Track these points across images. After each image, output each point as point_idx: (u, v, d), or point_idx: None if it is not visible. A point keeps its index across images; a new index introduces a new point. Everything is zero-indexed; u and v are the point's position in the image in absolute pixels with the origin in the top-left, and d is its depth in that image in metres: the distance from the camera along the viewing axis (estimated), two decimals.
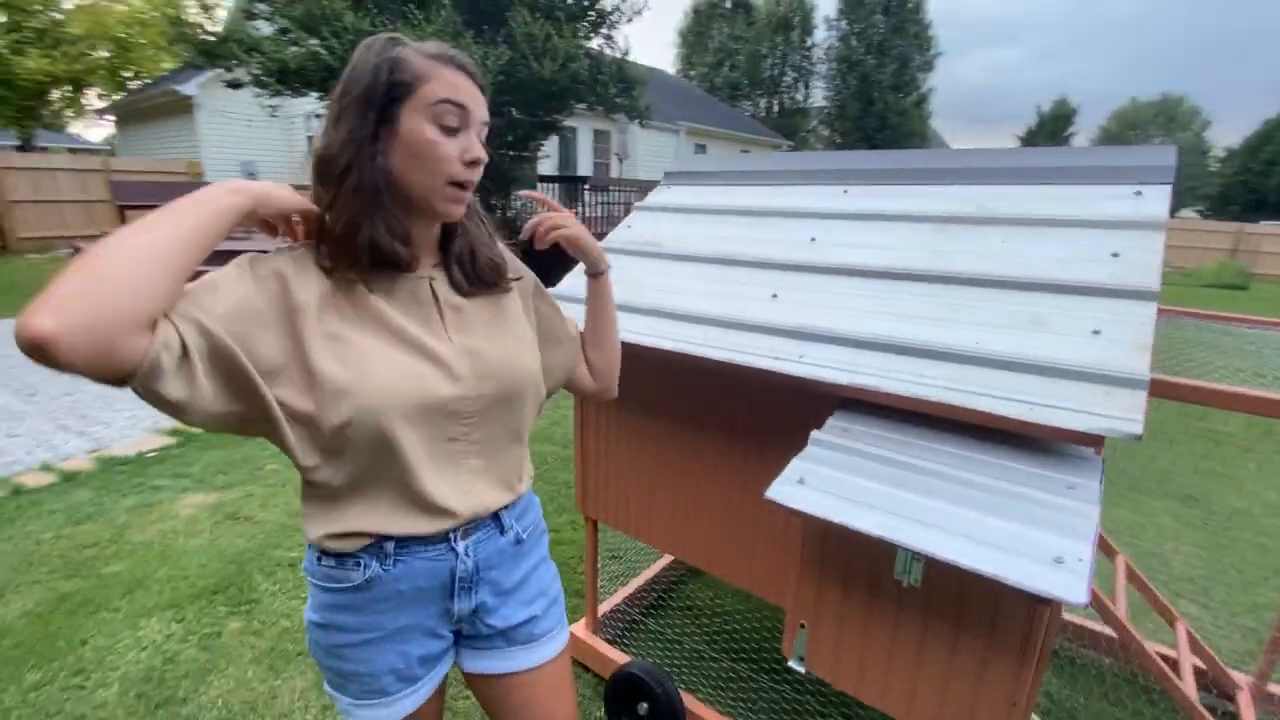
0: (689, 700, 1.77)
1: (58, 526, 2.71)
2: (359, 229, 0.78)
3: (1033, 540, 0.82)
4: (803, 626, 1.11)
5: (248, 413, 0.73)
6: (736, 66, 30.41)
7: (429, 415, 0.82)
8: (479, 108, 0.82)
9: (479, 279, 0.91)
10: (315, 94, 7.22)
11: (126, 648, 2.03)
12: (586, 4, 7.83)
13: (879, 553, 0.81)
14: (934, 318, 1.22)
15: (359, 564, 0.84)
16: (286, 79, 6.94)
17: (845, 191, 1.68)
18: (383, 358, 0.79)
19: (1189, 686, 1.59)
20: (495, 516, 0.93)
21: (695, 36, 32.64)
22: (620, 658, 1.92)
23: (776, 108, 30.17)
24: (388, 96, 0.77)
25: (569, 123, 10.27)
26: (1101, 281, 1.12)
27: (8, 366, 4.74)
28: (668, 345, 1.40)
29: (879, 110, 22.93)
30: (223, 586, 2.34)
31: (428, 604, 0.90)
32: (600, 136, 16.40)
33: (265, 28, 7.19)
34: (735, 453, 1.50)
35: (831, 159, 1.80)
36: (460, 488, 0.87)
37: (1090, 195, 1.33)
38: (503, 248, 0.97)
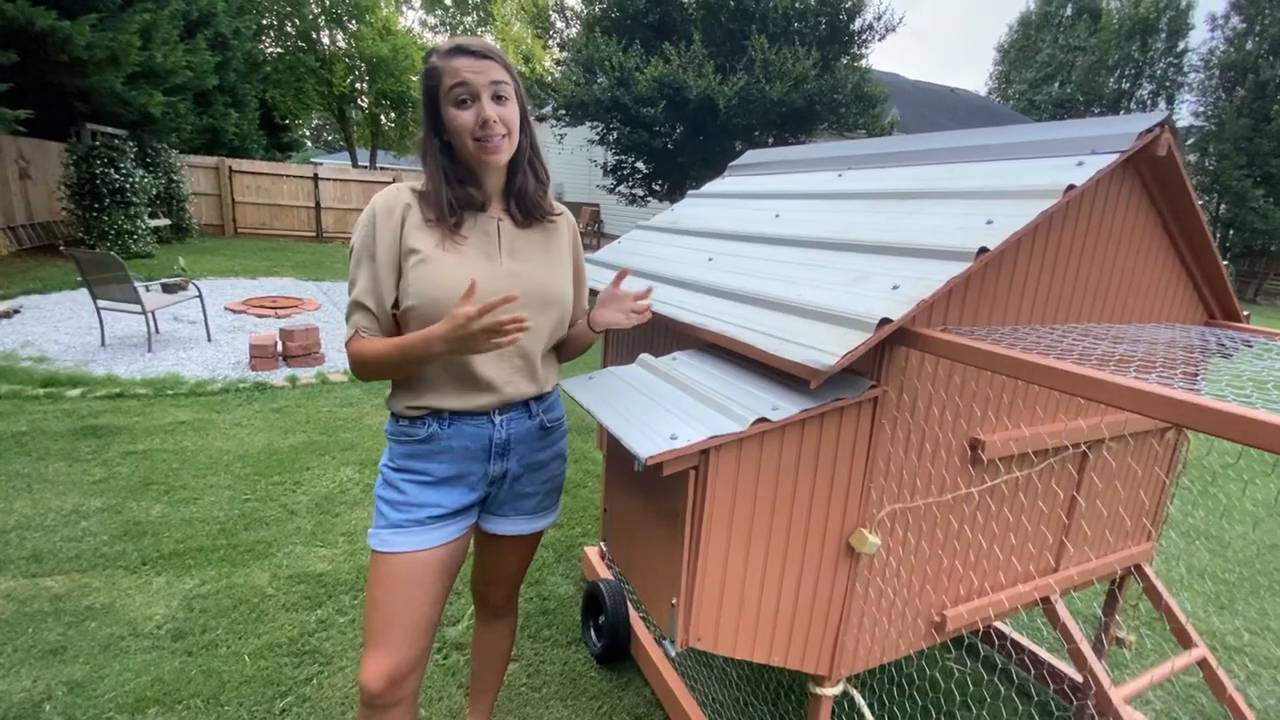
0: (639, 626, 1.98)
1: (332, 405, 4.04)
2: (439, 189, 1.09)
3: (675, 428, 0.96)
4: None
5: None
6: (1069, 81, 26.01)
7: None
8: (481, 75, 1.03)
9: (528, 213, 1.17)
10: (590, 123, 8.70)
11: (325, 478, 3.04)
12: (839, 24, 7.86)
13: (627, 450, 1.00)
14: (793, 278, 1.30)
15: (424, 424, 1.12)
16: (574, 111, 8.51)
17: (840, 175, 1.73)
18: (446, 268, 1.06)
19: None
20: (526, 404, 1.19)
21: (1018, 52, 28.86)
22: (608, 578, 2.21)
23: None
24: (431, 99, 1.06)
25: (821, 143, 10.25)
26: (943, 245, 1.10)
27: None
28: None
29: (1277, 129, 17.30)
30: None
31: (471, 462, 1.15)
32: None
33: (554, 71, 8.91)
34: None
35: (843, 148, 1.84)
36: (502, 376, 1.13)
37: (1032, 168, 1.25)
38: (551, 196, 1.22)
